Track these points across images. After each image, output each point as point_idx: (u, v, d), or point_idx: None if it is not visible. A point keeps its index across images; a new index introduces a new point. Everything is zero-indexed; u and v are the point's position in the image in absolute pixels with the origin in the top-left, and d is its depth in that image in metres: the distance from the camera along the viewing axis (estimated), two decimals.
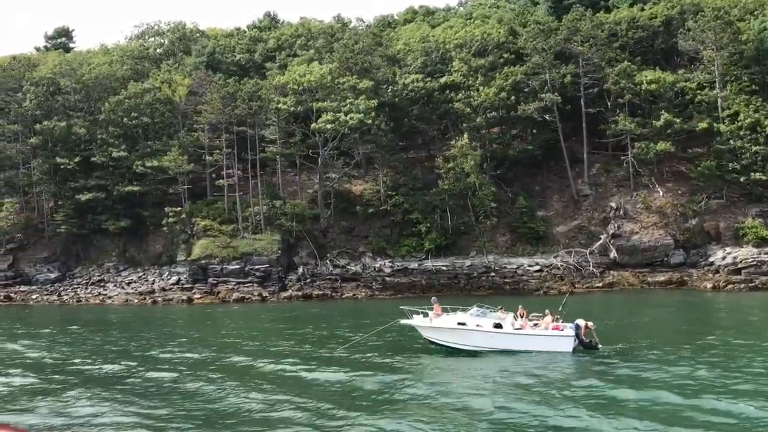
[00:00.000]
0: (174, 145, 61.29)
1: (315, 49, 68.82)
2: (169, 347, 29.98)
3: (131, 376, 24.01)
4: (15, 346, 31.85)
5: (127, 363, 26.03)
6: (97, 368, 25.59)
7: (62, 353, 29.64)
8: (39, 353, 29.74)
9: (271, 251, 55.79)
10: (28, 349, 30.74)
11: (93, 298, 57.58)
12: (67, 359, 27.88)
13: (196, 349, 28.89)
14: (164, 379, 23.03)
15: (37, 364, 27.14)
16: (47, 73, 66.63)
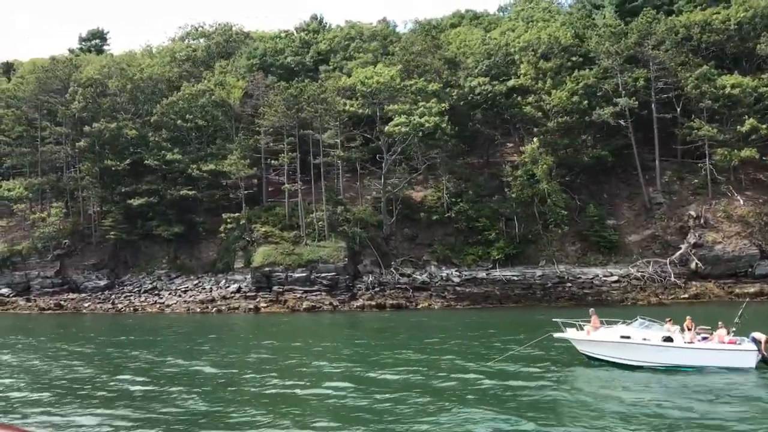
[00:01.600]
0: (233, 148, 59.22)
1: (371, 51, 66.89)
2: (307, 358, 27.48)
3: (305, 388, 21.72)
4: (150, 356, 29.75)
5: (294, 380, 23.27)
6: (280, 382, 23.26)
7: (184, 362, 27.38)
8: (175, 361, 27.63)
9: (338, 259, 53.63)
10: (159, 357, 28.55)
11: (149, 306, 55.29)
12: (203, 370, 25.60)
13: (340, 362, 26.39)
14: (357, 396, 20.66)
15: (209, 378, 24.75)
16: (95, 74, 64.56)
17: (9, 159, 66.71)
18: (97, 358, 29.37)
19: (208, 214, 64.03)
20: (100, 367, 26.96)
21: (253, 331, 41.20)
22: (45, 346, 33.94)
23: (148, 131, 62.93)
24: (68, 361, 28.27)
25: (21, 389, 22.78)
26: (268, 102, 57.26)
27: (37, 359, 29.12)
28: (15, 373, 25.99)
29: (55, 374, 25.49)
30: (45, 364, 27.95)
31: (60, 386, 22.98)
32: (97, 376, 24.80)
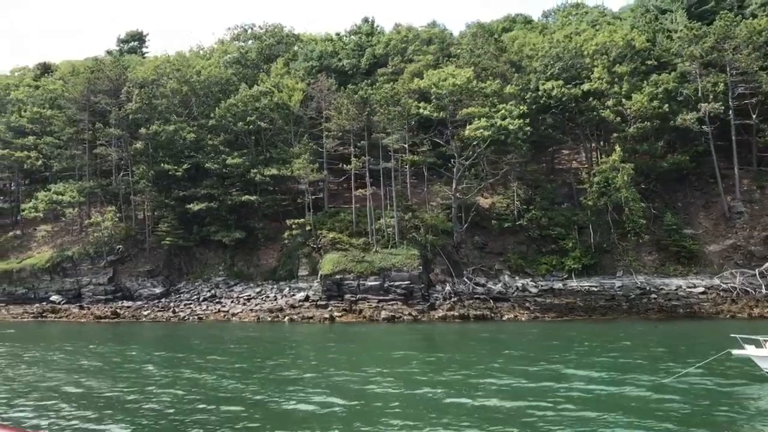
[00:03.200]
0: (296, 152, 57.16)
1: (431, 54, 65.03)
2: (472, 371, 25.20)
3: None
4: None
5: (495, 398, 21.02)
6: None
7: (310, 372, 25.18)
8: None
9: (412, 267, 51.44)
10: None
11: (213, 314, 53.06)
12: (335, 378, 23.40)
13: (508, 375, 24.09)
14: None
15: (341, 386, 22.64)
16: (150, 75, 62.60)
17: (58, 162, 64.56)
18: (253, 372, 26.60)
19: (265, 220, 62.05)
20: (276, 383, 24.18)
21: (363, 341, 39.01)
22: (176, 358, 30.93)
23: (204, 134, 60.87)
24: (225, 373, 25.84)
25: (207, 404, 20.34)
26: (335, 105, 55.23)
27: (188, 371, 26.48)
28: (197, 389, 23.24)
29: (232, 387, 23.13)
30: (205, 376, 25.27)
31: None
32: (288, 393, 22.06)
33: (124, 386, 23.68)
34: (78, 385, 23.99)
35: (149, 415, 19.27)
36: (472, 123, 51.22)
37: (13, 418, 18.72)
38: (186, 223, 60.37)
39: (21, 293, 60.77)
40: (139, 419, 18.85)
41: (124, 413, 19.45)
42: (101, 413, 19.50)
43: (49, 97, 70.52)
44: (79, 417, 19.08)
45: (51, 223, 67.46)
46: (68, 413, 19.51)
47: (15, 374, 26.83)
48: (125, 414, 19.34)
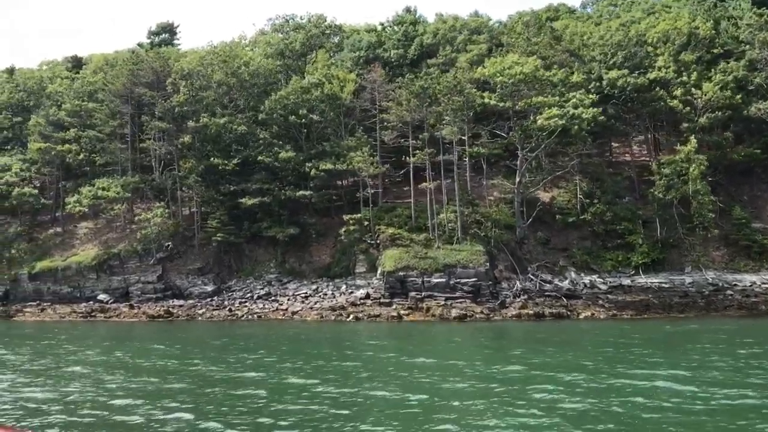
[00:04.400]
0: (353, 145, 55.43)
1: (483, 44, 63.19)
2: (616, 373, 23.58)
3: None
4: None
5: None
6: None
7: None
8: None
9: (478, 263, 49.72)
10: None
11: (271, 312, 51.43)
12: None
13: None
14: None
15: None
16: (196, 66, 60.81)
17: (101, 156, 62.88)
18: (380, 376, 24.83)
19: (316, 216, 60.39)
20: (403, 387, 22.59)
21: (446, 340, 37.28)
22: (278, 362, 28.49)
23: (253, 127, 59.12)
24: (364, 381, 24.00)
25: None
26: (395, 96, 53.46)
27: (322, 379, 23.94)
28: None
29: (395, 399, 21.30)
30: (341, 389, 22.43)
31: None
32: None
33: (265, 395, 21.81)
34: (214, 394, 22.27)
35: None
36: (539, 113, 49.42)
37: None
38: (235, 218, 58.70)
39: (66, 292, 59.21)
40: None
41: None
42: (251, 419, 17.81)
43: (87, 90, 68.79)
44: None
45: (91, 219, 65.88)
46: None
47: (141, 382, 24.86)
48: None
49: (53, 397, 21.92)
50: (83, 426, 18.23)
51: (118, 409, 19.81)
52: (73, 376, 26.31)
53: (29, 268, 60.67)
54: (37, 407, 20.34)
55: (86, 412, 19.59)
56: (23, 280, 60.85)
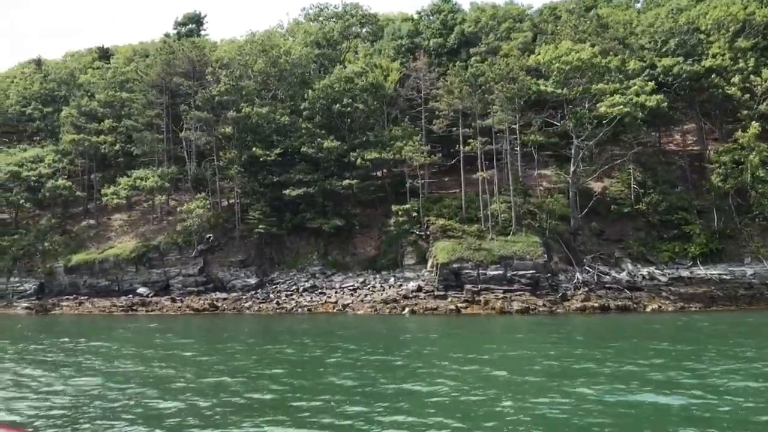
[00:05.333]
0: (399, 134, 54.05)
1: (527, 32, 61.75)
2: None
3: None
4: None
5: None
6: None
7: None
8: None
9: (535, 255, 48.32)
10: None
11: (321, 305, 50.04)
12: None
13: None
14: None
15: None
16: (236, 56, 59.37)
17: (137, 147, 61.49)
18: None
19: (359, 207, 59.01)
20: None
21: (516, 334, 35.84)
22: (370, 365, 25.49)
23: (294, 117, 57.73)
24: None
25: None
26: (445, 84, 52.04)
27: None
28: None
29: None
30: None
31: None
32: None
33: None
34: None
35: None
36: (597, 100, 48.03)
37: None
38: (276, 210, 57.35)
39: (104, 285, 57.81)
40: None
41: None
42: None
43: (119, 80, 67.38)
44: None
45: (125, 211, 64.55)
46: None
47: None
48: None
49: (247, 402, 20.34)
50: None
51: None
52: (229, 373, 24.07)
53: (65, 261, 59.30)
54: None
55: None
56: (59, 273, 59.50)
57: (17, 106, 70.40)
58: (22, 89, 71.38)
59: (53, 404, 18.89)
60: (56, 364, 26.53)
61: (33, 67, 76.25)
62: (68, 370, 25.09)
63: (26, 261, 61.44)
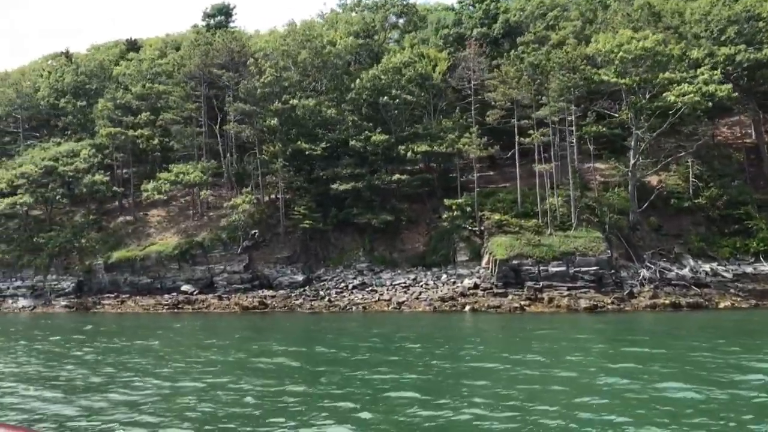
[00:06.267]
0: (451, 126, 52.56)
1: (576, 20, 60.06)
2: None
3: None
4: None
5: None
6: None
7: None
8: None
9: (598, 250, 46.83)
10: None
11: (374, 303, 48.65)
12: None
13: None
14: None
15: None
16: (280, 46, 57.80)
17: (178, 140, 60.04)
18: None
19: (406, 201, 57.56)
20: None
21: (603, 334, 34.37)
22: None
23: (340, 109, 56.22)
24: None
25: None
26: (500, 74, 50.46)
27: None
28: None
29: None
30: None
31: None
32: None
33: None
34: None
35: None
36: (665, 89, 46.40)
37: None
38: (320, 205, 55.95)
39: (146, 283, 56.47)
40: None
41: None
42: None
43: (153, 71, 65.86)
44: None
45: (162, 207, 63.21)
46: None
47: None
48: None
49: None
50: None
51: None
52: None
53: (104, 259, 57.97)
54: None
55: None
56: (98, 270, 58.19)
57: (49, 99, 68.88)
58: (53, 82, 69.82)
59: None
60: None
61: (63, 59, 74.69)
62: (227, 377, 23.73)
63: (63, 258, 60.17)
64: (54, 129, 70.91)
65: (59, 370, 25.51)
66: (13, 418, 17.42)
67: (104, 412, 18.11)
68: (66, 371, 25.15)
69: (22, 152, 66.18)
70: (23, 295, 59.62)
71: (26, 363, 27.55)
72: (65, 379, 23.67)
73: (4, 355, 30.26)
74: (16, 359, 28.75)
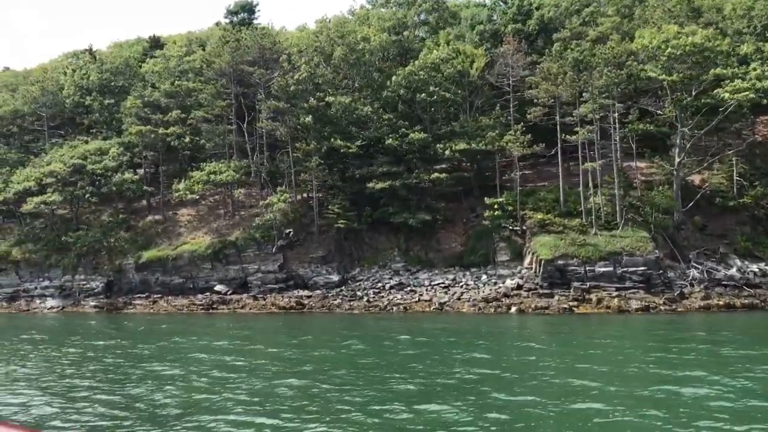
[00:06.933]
0: (489, 123, 51.61)
1: (614, 16, 59.09)
2: None
3: None
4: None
5: None
6: None
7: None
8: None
9: (645, 250, 45.80)
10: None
11: (415, 304, 47.65)
12: None
13: None
14: None
15: None
16: (313, 42, 56.87)
17: (208, 138, 59.15)
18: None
19: (442, 200, 56.64)
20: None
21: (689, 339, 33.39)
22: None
23: (375, 107, 55.28)
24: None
25: None
26: (542, 70, 49.48)
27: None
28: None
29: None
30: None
31: None
32: None
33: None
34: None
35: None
36: (710, 86, 45.41)
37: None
38: (354, 204, 55.05)
39: (178, 283, 55.58)
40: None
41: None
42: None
43: (182, 69, 65.00)
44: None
45: (191, 206, 62.32)
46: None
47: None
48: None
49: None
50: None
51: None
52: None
53: (135, 258, 57.08)
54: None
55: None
56: (129, 270, 57.33)
57: (75, 97, 68.04)
58: (78, 79, 68.98)
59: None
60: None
61: (87, 57, 73.83)
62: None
63: (91, 258, 59.30)
64: (79, 127, 70.05)
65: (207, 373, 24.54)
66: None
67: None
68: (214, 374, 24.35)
69: (48, 150, 65.31)
70: (51, 295, 58.83)
71: (198, 373, 25.12)
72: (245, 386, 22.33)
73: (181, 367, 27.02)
74: (187, 376, 24.88)
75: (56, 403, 20.12)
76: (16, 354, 31.69)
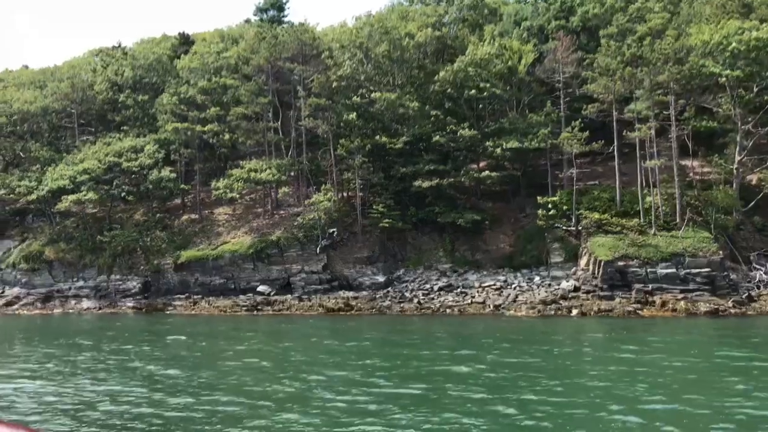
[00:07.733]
0: (540, 120, 50.29)
1: (662, 12, 57.67)
2: None
3: None
4: None
5: None
6: None
7: None
8: None
9: (708, 251, 44.35)
10: None
11: (468, 306, 46.29)
12: None
13: None
14: None
15: None
16: (356, 38, 55.60)
17: (249, 136, 57.90)
18: None
19: (489, 199, 55.34)
20: None
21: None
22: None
23: (421, 104, 53.96)
24: None
25: None
26: (598, 66, 48.12)
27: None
28: None
29: None
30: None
31: None
32: None
33: None
34: None
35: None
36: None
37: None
38: (397, 203, 53.75)
39: (218, 284, 54.26)
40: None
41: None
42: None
43: (218, 65, 63.73)
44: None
45: (227, 205, 61.04)
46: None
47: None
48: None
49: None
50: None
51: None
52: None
53: (173, 258, 55.82)
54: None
55: None
56: (167, 270, 56.05)
57: (108, 93, 66.85)
58: (111, 75, 67.79)
59: None
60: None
61: (119, 53, 72.62)
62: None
63: (126, 258, 58.04)
64: (110, 124, 68.84)
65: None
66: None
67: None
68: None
69: (80, 147, 64.12)
70: (86, 296, 57.59)
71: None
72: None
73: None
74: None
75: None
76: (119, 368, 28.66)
